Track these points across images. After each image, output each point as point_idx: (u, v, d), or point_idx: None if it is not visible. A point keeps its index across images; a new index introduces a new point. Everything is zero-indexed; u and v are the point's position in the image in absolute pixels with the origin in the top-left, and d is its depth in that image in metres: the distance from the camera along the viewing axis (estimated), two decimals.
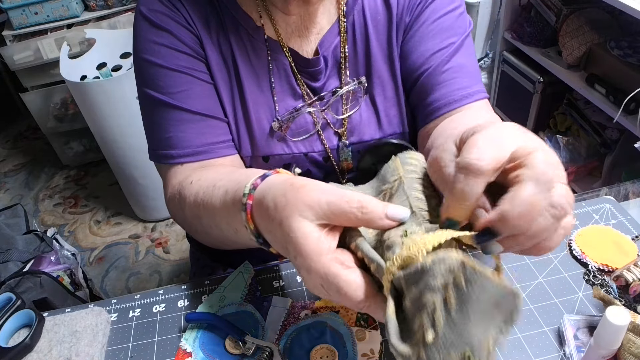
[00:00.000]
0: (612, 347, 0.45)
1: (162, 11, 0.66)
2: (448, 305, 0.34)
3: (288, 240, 0.41)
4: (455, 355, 0.34)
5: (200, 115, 0.67)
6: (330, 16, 0.69)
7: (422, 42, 0.68)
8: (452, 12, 0.69)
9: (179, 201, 0.65)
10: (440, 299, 0.34)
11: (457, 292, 0.34)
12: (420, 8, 0.68)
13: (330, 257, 0.40)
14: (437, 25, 0.68)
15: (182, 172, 0.68)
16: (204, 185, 0.60)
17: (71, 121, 2.12)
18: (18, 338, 0.59)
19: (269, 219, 0.44)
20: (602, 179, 1.69)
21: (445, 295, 0.34)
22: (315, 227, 0.40)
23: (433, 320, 0.34)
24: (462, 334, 0.34)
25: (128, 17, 1.95)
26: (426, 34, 0.68)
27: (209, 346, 0.56)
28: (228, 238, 0.58)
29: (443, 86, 0.67)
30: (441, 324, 0.34)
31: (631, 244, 0.62)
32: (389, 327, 0.36)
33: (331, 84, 0.70)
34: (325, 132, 0.71)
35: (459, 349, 0.34)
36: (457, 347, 0.34)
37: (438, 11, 0.68)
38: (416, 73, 0.68)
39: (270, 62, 0.68)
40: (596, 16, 1.65)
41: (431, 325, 0.34)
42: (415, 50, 0.68)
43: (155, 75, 0.67)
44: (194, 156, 0.67)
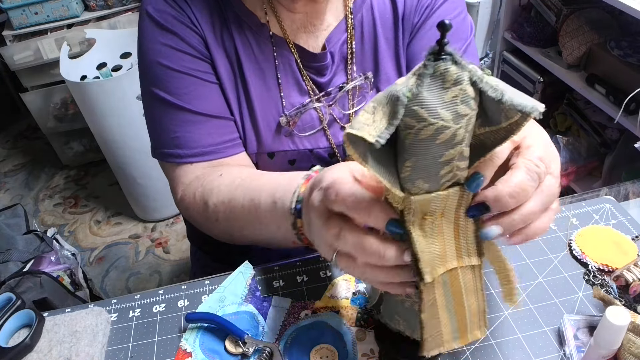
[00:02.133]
0: (612, 347, 0.45)
1: (167, 11, 0.66)
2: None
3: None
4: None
5: (207, 116, 0.67)
6: (338, 13, 0.70)
7: (430, 45, 0.69)
8: (457, 17, 0.71)
9: (198, 199, 0.66)
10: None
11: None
12: (428, 12, 0.69)
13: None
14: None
15: (193, 171, 0.69)
16: (244, 184, 0.62)
17: (71, 121, 2.12)
18: (18, 338, 0.59)
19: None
20: (602, 179, 1.69)
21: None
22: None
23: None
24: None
25: (128, 17, 1.95)
26: (434, 38, 0.69)
27: (209, 346, 0.56)
28: (261, 234, 0.61)
29: None
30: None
31: (631, 244, 0.62)
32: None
33: (338, 80, 0.71)
34: (332, 128, 0.71)
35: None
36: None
37: (444, 16, 0.70)
38: None
39: (276, 58, 0.69)
40: (596, 16, 1.65)
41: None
42: (423, 53, 0.69)
43: (161, 76, 0.67)
44: (202, 156, 0.68)
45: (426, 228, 0.39)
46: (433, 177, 0.37)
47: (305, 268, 0.64)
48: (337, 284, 0.61)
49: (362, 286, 0.60)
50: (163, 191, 1.84)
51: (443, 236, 0.40)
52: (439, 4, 0.70)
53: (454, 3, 0.71)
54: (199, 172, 0.68)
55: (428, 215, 0.39)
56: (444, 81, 0.34)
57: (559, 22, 1.70)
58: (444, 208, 0.39)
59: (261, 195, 0.58)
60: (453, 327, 0.44)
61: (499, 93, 0.34)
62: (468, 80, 0.34)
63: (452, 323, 0.44)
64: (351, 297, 0.59)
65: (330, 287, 0.61)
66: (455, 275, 0.42)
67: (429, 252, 0.40)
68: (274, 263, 0.66)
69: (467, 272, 0.42)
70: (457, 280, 0.42)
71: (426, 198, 0.38)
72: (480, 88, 0.34)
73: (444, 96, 0.34)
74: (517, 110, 0.34)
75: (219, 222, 0.65)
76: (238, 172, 0.66)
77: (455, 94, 0.34)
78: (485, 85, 0.34)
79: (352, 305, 0.58)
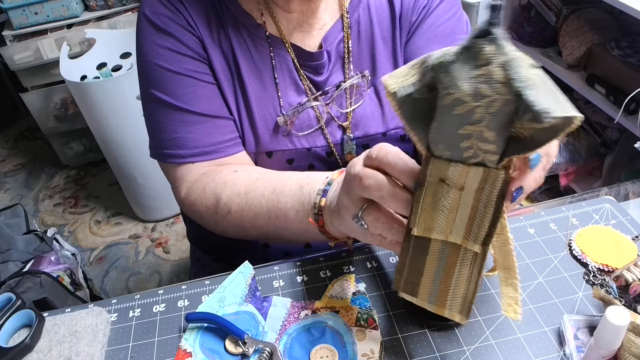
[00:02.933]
0: (612, 347, 0.45)
1: (165, 14, 0.66)
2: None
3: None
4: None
5: (206, 117, 0.68)
6: (334, 12, 0.70)
7: (428, 46, 0.71)
8: (453, 17, 0.72)
9: (208, 193, 0.67)
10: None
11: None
12: (425, 12, 0.70)
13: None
14: (442, 31, 0.71)
15: (197, 169, 0.69)
16: (265, 177, 0.65)
17: (71, 121, 2.12)
18: (18, 338, 0.59)
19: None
20: (602, 179, 1.69)
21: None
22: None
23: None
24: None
25: (128, 17, 1.95)
26: (432, 38, 0.70)
27: (209, 346, 0.56)
28: (274, 224, 0.63)
29: None
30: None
31: (631, 244, 0.62)
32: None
33: (335, 79, 0.71)
34: (329, 126, 0.72)
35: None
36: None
37: (442, 17, 0.71)
38: None
39: (272, 58, 0.69)
40: (596, 16, 1.65)
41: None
42: (420, 52, 0.71)
43: (160, 78, 0.67)
44: (203, 156, 0.69)
45: (440, 194, 0.42)
46: (454, 147, 0.39)
47: (305, 268, 0.64)
48: (337, 284, 0.61)
49: (362, 286, 0.60)
50: (163, 191, 1.84)
51: (456, 211, 0.42)
52: (435, 4, 0.70)
53: (450, 3, 0.71)
54: (203, 169, 0.69)
55: (446, 183, 0.41)
56: (476, 59, 0.35)
57: (559, 22, 1.70)
58: (464, 183, 0.40)
59: (286, 183, 0.61)
60: (433, 291, 0.46)
61: (525, 87, 0.34)
62: (499, 65, 0.34)
63: (433, 286, 0.45)
64: (351, 297, 0.59)
65: (330, 287, 0.61)
66: (456, 252, 0.43)
67: (430, 213, 0.42)
68: (274, 263, 0.66)
69: (468, 256, 0.43)
70: (456, 258, 0.43)
71: (444, 163, 0.40)
72: (509, 75, 0.34)
73: (471, 72, 0.35)
74: (545, 121, 0.33)
75: (230, 214, 0.66)
76: (255, 169, 0.68)
77: (481, 73, 0.35)
78: (514, 74, 0.34)
79: (352, 305, 0.58)
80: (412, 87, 0.38)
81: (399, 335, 0.56)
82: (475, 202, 0.41)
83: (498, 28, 0.34)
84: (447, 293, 0.45)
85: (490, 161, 0.39)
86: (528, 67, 0.35)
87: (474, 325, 0.56)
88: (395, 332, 0.56)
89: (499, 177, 0.40)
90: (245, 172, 0.66)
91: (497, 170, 0.39)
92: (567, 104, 0.35)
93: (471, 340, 0.54)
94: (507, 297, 0.44)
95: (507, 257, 0.43)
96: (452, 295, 0.45)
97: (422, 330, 0.56)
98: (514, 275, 0.43)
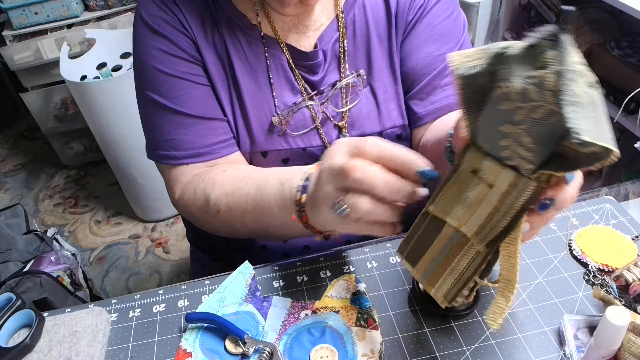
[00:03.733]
0: (612, 347, 0.45)
1: (159, 16, 0.67)
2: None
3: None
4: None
5: (200, 118, 0.68)
6: (329, 13, 0.70)
7: (424, 46, 0.71)
8: (449, 17, 0.72)
9: (199, 194, 0.67)
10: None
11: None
12: (422, 11, 0.70)
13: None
14: (438, 30, 0.71)
15: (190, 171, 0.70)
16: (250, 176, 0.65)
17: (71, 121, 2.12)
18: (18, 338, 0.59)
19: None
20: (602, 179, 1.69)
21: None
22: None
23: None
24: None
25: (128, 17, 1.95)
26: (428, 38, 0.70)
27: (209, 346, 0.56)
28: (261, 221, 0.63)
29: (443, 90, 0.71)
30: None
31: (631, 244, 0.62)
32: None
33: (330, 79, 0.71)
34: (325, 126, 0.72)
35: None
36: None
37: (438, 16, 0.71)
38: (417, 75, 0.71)
39: (267, 58, 0.69)
40: (596, 16, 1.65)
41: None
42: (417, 52, 0.71)
43: (156, 80, 0.68)
44: (198, 157, 0.69)
45: (467, 184, 0.42)
46: (493, 142, 0.39)
47: (305, 268, 0.64)
48: (337, 284, 0.61)
49: (362, 286, 0.60)
50: (163, 191, 1.82)
51: (478, 205, 0.42)
52: (432, 3, 0.70)
53: (446, 3, 0.71)
54: (196, 171, 0.70)
55: (477, 175, 0.41)
56: (536, 60, 0.35)
57: None
58: (494, 182, 0.41)
59: (268, 181, 0.61)
60: (429, 269, 0.47)
61: (568, 102, 0.33)
62: (553, 72, 0.33)
63: (431, 265, 0.46)
64: (351, 297, 0.59)
65: (330, 287, 0.61)
66: (463, 243, 0.44)
67: (452, 199, 0.43)
68: (274, 263, 0.66)
69: (471, 251, 0.43)
70: (461, 248, 0.44)
71: (480, 155, 0.41)
72: (559, 85, 0.33)
73: (526, 71, 0.35)
74: (573, 141, 0.33)
75: (220, 214, 0.66)
76: (243, 168, 0.68)
77: (535, 75, 0.34)
78: (563, 86, 0.33)
79: (352, 305, 0.58)
80: (473, 69, 0.39)
81: (399, 335, 0.56)
82: (499, 204, 0.41)
83: (567, 35, 0.33)
84: (440, 275, 0.46)
85: (525, 169, 0.38)
86: (584, 84, 0.34)
87: (474, 325, 0.56)
88: (395, 332, 0.56)
89: (528, 187, 0.39)
90: (234, 171, 0.67)
91: (529, 179, 0.39)
92: (608, 134, 0.33)
93: (471, 340, 0.54)
94: (497, 307, 0.44)
95: (511, 270, 0.43)
96: (443, 279, 0.46)
97: (422, 330, 0.56)
98: (511, 289, 0.43)
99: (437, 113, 0.71)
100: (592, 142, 0.32)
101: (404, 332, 0.56)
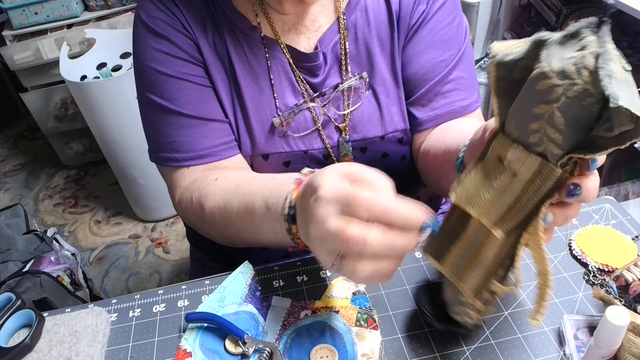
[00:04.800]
0: (612, 347, 0.45)
1: (160, 17, 0.66)
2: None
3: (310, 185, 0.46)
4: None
5: (202, 120, 0.68)
6: (329, 14, 0.70)
7: (426, 52, 0.70)
8: (452, 23, 0.71)
9: (195, 203, 0.66)
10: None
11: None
12: (425, 16, 0.70)
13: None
14: (441, 37, 0.70)
15: (190, 175, 0.69)
16: (238, 191, 0.62)
17: (71, 121, 2.12)
18: (18, 338, 0.59)
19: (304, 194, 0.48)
20: (602, 179, 1.69)
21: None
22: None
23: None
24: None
25: (128, 17, 1.95)
26: (430, 44, 0.70)
27: (209, 346, 0.56)
28: (258, 239, 0.61)
29: (444, 97, 0.71)
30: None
31: (631, 244, 0.62)
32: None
33: (332, 82, 0.71)
34: (327, 129, 0.71)
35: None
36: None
37: (441, 22, 0.70)
38: (419, 81, 0.71)
39: (268, 59, 0.69)
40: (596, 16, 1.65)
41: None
42: (419, 58, 0.71)
43: (156, 81, 0.67)
44: (199, 159, 0.69)
45: (492, 173, 0.42)
46: (523, 126, 0.39)
47: (305, 268, 0.64)
48: (337, 284, 0.61)
49: (362, 286, 0.60)
50: (163, 191, 1.82)
51: (501, 195, 0.42)
52: (434, 10, 0.70)
53: (449, 9, 0.71)
54: (196, 175, 0.69)
55: (503, 164, 0.41)
56: (576, 44, 0.36)
57: (559, 22, 1.70)
58: (518, 170, 0.41)
59: (254, 200, 0.58)
60: (458, 264, 0.46)
61: (607, 76, 0.34)
62: (592, 54, 0.35)
63: (460, 260, 0.45)
64: (351, 297, 0.59)
65: (330, 287, 0.61)
66: (487, 236, 0.43)
67: (476, 186, 0.43)
68: (274, 263, 0.66)
69: (496, 243, 0.43)
70: (486, 241, 0.43)
71: (508, 142, 0.41)
72: (598, 64, 0.35)
73: (566, 53, 0.36)
74: (625, 115, 0.33)
75: (216, 227, 0.66)
76: (232, 177, 0.66)
77: (574, 55, 0.36)
78: (602, 63, 0.35)
79: (352, 305, 0.58)
80: (514, 55, 0.39)
81: (399, 335, 0.56)
82: (522, 193, 0.41)
83: (606, 26, 0.36)
84: (469, 269, 0.45)
85: (553, 154, 0.39)
86: (620, 66, 0.36)
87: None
88: (395, 332, 0.56)
89: (552, 174, 0.39)
90: (225, 181, 0.65)
91: (555, 167, 0.39)
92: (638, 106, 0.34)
93: (471, 340, 0.54)
94: (540, 302, 0.43)
95: (542, 262, 0.43)
96: (471, 273, 0.45)
97: (422, 330, 0.56)
98: (547, 283, 0.43)
99: (439, 119, 0.70)
100: (629, 108, 0.33)
101: (404, 332, 0.56)
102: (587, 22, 0.37)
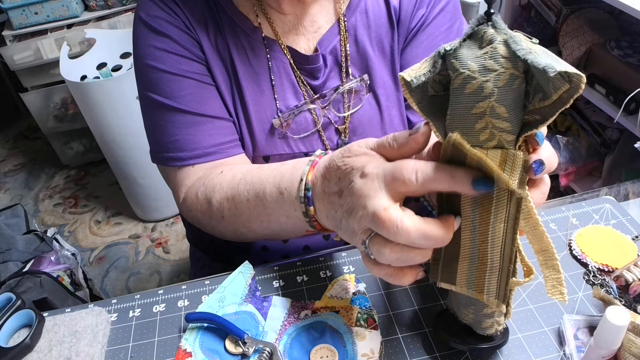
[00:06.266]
0: (612, 347, 0.45)
1: (161, 16, 0.66)
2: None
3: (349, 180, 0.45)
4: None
5: (206, 117, 0.68)
6: (329, 16, 0.70)
7: (424, 55, 0.71)
8: (451, 28, 0.71)
9: (201, 198, 0.65)
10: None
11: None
12: (424, 21, 0.70)
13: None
14: (439, 41, 0.70)
15: (195, 173, 0.68)
16: (247, 179, 0.61)
17: (71, 121, 2.12)
18: (18, 338, 0.59)
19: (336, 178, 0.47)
20: (602, 179, 1.69)
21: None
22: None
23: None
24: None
25: (128, 17, 1.95)
26: (429, 48, 0.71)
27: (209, 346, 0.56)
28: (269, 226, 0.60)
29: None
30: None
31: (631, 244, 0.62)
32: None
33: (332, 84, 0.71)
34: (327, 131, 0.71)
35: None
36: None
37: (440, 27, 0.70)
38: None
39: (269, 60, 0.69)
40: (596, 16, 1.65)
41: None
42: (417, 61, 0.70)
43: (159, 80, 0.67)
44: (204, 157, 0.68)
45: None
46: (469, 129, 0.40)
47: (305, 268, 0.64)
48: (337, 284, 0.61)
49: (362, 286, 0.60)
50: (163, 191, 1.84)
51: (481, 198, 0.42)
52: (434, 14, 0.70)
53: (449, 13, 0.71)
54: (200, 173, 0.68)
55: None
56: (480, 41, 0.39)
57: (559, 22, 1.70)
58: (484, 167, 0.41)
59: (265, 187, 0.58)
60: (470, 278, 0.45)
61: (528, 53, 0.36)
62: (501, 41, 0.38)
63: (470, 272, 0.45)
64: (351, 297, 0.59)
65: (330, 287, 0.61)
66: (484, 240, 0.43)
67: (454, 202, 0.44)
68: (273, 263, 0.66)
69: (497, 242, 0.43)
70: (485, 245, 0.43)
71: (461, 150, 0.40)
72: (513, 48, 0.37)
73: (477, 52, 0.38)
74: (558, 79, 0.35)
75: (224, 219, 0.65)
76: (238, 168, 0.66)
77: (486, 51, 0.38)
78: (515, 45, 0.37)
79: (352, 305, 0.58)
80: (424, 76, 0.40)
81: (399, 335, 0.56)
82: (498, 186, 0.41)
83: (496, 15, 0.38)
84: (483, 279, 0.45)
85: (508, 141, 0.40)
86: (528, 41, 0.38)
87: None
88: (395, 332, 0.56)
89: (517, 158, 0.40)
90: (230, 172, 0.65)
91: (516, 151, 0.40)
92: (569, 66, 0.36)
93: None
94: (550, 279, 0.44)
95: (540, 240, 0.43)
96: (487, 281, 0.45)
97: (422, 330, 0.56)
98: (552, 257, 0.43)
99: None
100: (567, 70, 0.35)
101: (404, 332, 0.56)
102: (477, 19, 0.39)
